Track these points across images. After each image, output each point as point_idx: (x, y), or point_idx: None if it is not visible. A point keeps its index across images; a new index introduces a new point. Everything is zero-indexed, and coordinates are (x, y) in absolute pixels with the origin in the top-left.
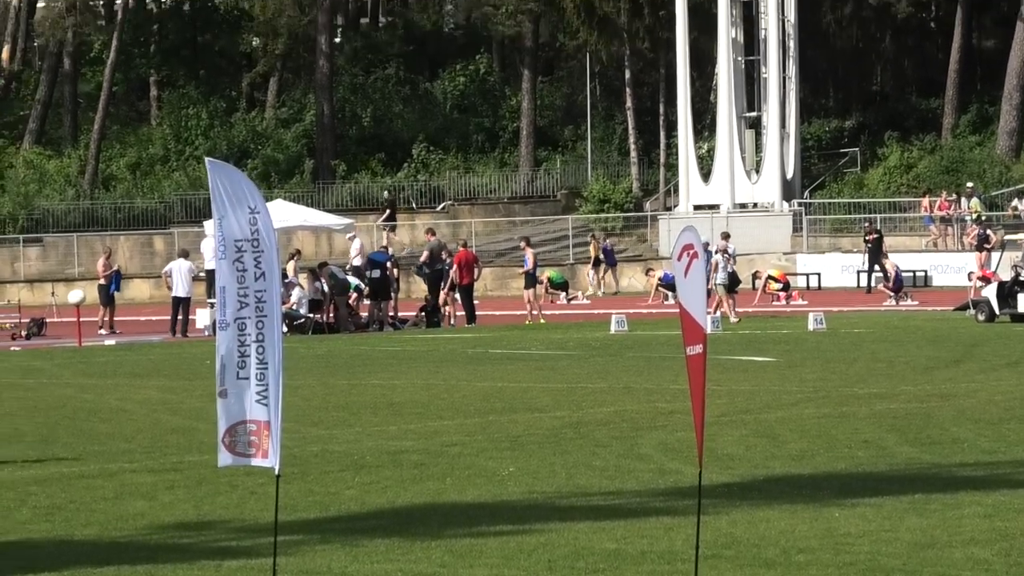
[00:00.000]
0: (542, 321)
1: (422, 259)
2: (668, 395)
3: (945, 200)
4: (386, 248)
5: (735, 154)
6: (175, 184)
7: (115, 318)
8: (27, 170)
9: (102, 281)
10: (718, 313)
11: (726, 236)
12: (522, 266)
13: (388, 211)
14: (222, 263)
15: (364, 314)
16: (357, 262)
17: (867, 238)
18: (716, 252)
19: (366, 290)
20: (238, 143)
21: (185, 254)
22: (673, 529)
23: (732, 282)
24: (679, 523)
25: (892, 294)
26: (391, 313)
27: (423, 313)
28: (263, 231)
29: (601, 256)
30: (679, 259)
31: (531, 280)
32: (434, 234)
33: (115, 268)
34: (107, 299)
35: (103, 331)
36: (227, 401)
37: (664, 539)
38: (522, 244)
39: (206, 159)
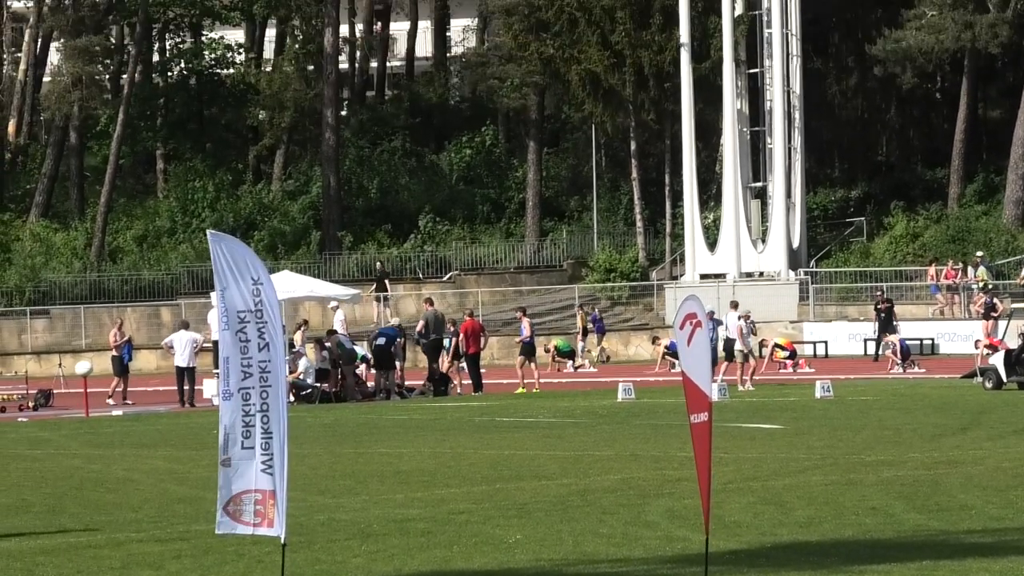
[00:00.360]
0: (521, 390)
1: (417, 329)
2: (675, 462)
3: (951, 269)
4: (398, 325)
5: (741, 224)
6: (182, 256)
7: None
8: (34, 243)
9: (114, 352)
10: (730, 378)
11: (735, 305)
12: (519, 335)
13: (378, 282)
14: (225, 334)
15: (371, 383)
16: (342, 331)
17: (879, 306)
18: (740, 319)
19: (371, 359)
20: (245, 215)
21: (186, 325)
22: None
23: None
24: None
25: (899, 362)
26: (398, 382)
27: (430, 382)
28: (267, 302)
29: (590, 326)
30: (681, 328)
31: (528, 349)
32: (432, 304)
33: (127, 338)
34: (121, 369)
35: (111, 400)
36: (229, 470)
37: None
38: (518, 314)
39: (208, 232)
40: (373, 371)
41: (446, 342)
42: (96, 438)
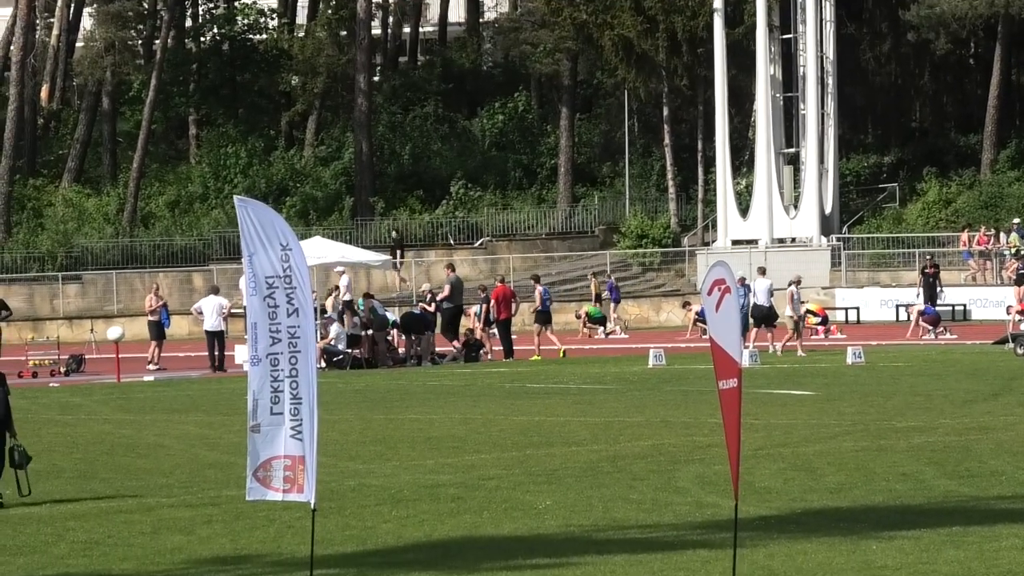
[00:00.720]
0: (536, 357)
1: (442, 295)
2: (706, 429)
3: (984, 235)
4: (429, 294)
5: (773, 189)
6: (214, 221)
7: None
8: (66, 208)
9: (151, 317)
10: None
11: (763, 271)
12: (533, 303)
13: (392, 252)
14: (253, 299)
15: (402, 349)
16: (346, 298)
17: (926, 270)
18: (790, 285)
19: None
20: (277, 181)
21: (215, 290)
22: (710, 562)
23: (772, 316)
24: (716, 556)
25: (930, 328)
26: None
27: (463, 348)
28: (295, 268)
29: (605, 294)
30: (709, 294)
31: (543, 317)
32: (454, 269)
33: (163, 302)
34: (158, 333)
35: (151, 366)
36: (259, 436)
37: (701, 572)
38: (532, 283)
39: (235, 198)
40: (404, 337)
41: (476, 308)
42: (127, 403)
